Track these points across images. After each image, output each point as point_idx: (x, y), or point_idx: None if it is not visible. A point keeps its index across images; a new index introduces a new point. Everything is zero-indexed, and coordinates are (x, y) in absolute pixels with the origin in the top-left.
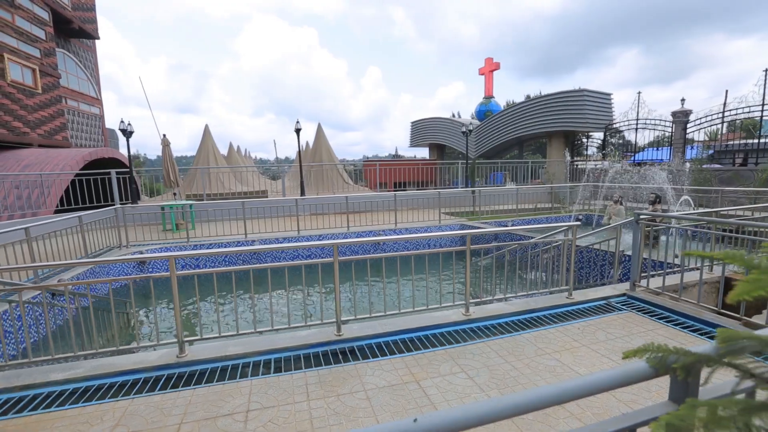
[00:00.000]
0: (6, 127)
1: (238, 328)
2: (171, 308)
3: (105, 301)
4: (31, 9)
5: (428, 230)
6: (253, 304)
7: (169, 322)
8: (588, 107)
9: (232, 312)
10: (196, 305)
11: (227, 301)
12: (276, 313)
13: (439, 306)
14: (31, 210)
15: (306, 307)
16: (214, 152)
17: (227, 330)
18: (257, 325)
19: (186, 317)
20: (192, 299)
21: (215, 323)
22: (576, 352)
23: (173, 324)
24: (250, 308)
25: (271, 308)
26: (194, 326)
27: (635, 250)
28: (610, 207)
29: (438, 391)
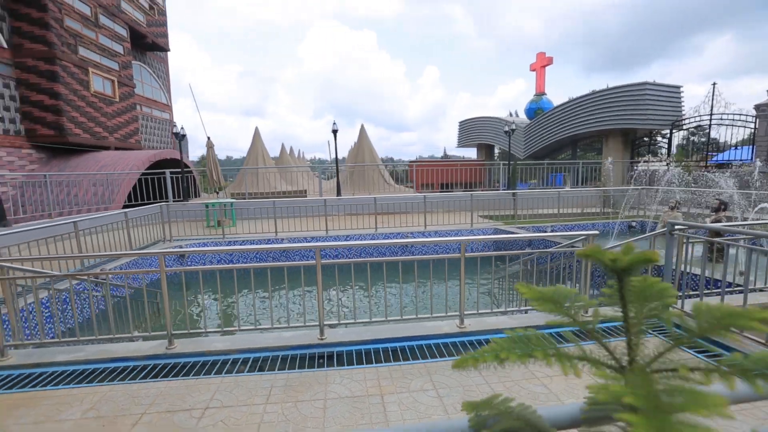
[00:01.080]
0: (89, 132)
1: (222, 325)
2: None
3: (140, 291)
4: (112, 27)
5: (428, 235)
6: (236, 302)
7: (179, 315)
8: (650, 102)
9: (228, 308)
10: (202, 300)
11: (225, 297)
12: (265, 313)
13: (430, 316)
14: (103, 205)
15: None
16: (263, 153)
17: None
18: (245, 324)
19: (197, 312)
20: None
21: (215, 318)
22: (572, 380)
23: (185, 317)
24: (251, 305)
25: (254, 307)
26: (197, 321)
27: (668, 266)
28: (664, 213)
29: (398, 408)
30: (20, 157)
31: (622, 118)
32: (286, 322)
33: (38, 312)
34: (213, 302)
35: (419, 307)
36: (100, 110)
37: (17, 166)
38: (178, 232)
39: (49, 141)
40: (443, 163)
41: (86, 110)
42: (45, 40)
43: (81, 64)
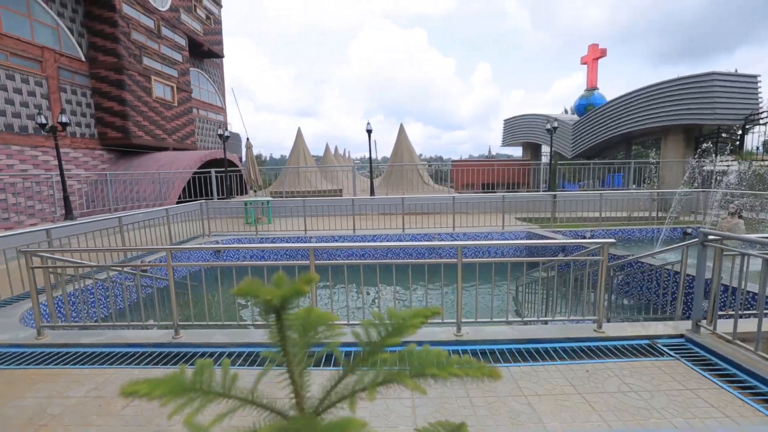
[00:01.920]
0: (150, 134)
1: (222, 318)
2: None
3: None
4: (173, 38)
5: (456, 237)
6: (236, 298)
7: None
8: (719, 95)
9: (233, 303)
10: (204, 295)
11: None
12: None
13: (424, 321)
14: (159, 201)
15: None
16: (304, 153)
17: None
18: (244, 319)
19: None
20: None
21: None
22: (564, 401)
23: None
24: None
25: (251, 308)
26: (209, 314)
27: (699, 280)
28: (722, 220)
29: (367, 414)
30: (93, 158)
31: (685, 112)
32: None
33: (63, 299)
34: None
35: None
36: (160, 114)
37: (90, 165)
38: (218, 228)
39: (116, 143)
40: (482, 162)
41: (148, 114)
42: (115, 53)
43: (144, 72)
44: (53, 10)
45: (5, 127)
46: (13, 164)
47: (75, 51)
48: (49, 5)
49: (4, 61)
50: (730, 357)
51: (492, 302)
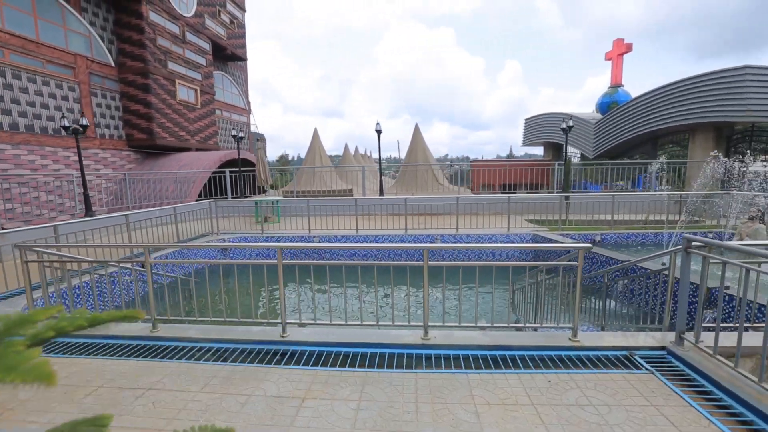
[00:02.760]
0: (174, 135)
1: (197, 315)
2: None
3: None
4: (197, 42)
5: (459, 239)
6: (210, 296)
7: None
8: (753, 90)
9: (214, 300)
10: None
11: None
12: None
13: (392, 324)
14: (179, 199)
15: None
16: (320, 152)
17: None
18: (224, 316)
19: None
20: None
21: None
22: (513, 412)
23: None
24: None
25: (224, 303)
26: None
27: (683, 289)
28: (742, 224)
29: (311, 415)
30: (121, 158)
31: (714, 109)
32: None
33: (56, 294)
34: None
35: (377, 313)
36: (184, 116)
37: (118, 165)
38: (228, 226)
39: (142, 144)
40: (500, 163)
41: (172, 116)
42: (141, 58)
43: (169, 76)
44: (86, 19)
45: (40, 129)
46: (47, 164)
47: (105, 57)
48: (82, 15)
49: (40, 68)
50: (709, 373)
51: (476, 305)
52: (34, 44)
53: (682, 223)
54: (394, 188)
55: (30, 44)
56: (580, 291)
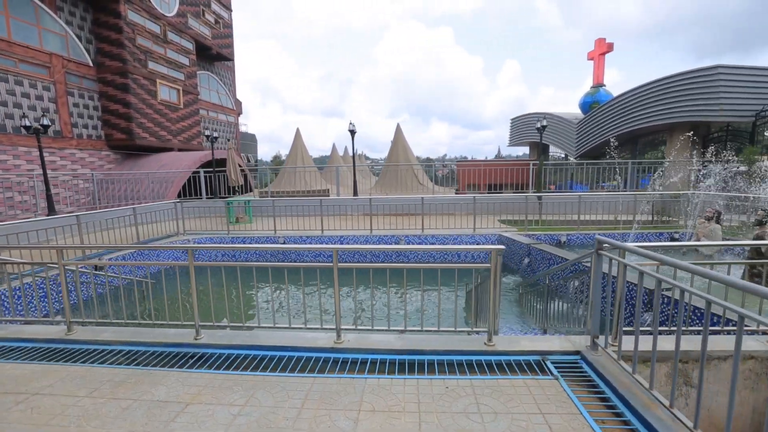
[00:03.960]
0: (155, 135)
1: (110, 316)
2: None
3: (134, 281)
4: (179, 42)
5: (424, 240)
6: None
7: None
8: (725, 90)
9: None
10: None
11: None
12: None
13: (304, 327)
14: (158, 200)
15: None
16: (302, 153)
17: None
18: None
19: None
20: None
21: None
22: (395, 419)
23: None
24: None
25: (150, 304)
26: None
27: (596, 293)
28: (699, 225)
29: (187, 421)
30: (99, 158)
31: (690, 109)
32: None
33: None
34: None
35: (289, 316)
36: (165, 116)
37: (97, 165)
38: (199, 227)
39: (121, 144)
40: (484, 163)
41: (153, 116)
42: (120, 57)
43: (150, 76)
44: (62, 18)
45: (13, 129)
46: (20, 164)
47: (83, 56)
48: (58, 14)
49: (12, 68)
50: (611, 379)
51: (388, 308)
52: (6, 43)
53: (637, 224)
54: (375, 188)
55: (1, 43)
56: (495, 294)
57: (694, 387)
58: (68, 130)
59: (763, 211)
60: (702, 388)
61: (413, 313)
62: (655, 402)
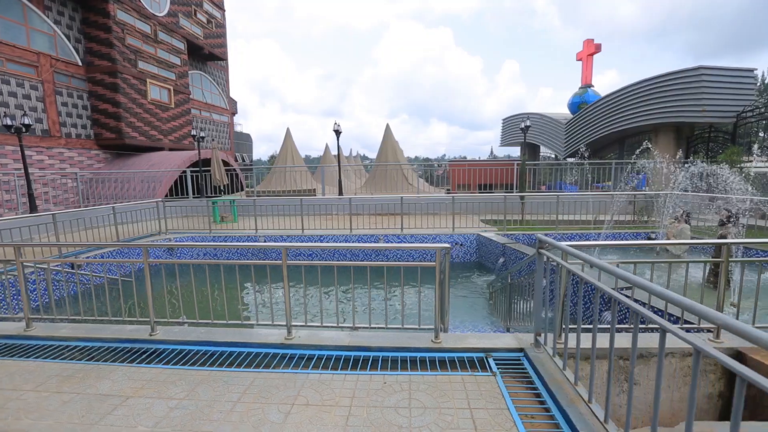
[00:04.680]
0: (145, 135)
1: (68, 312)
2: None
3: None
4: (170, 42)
5: (402, 239)
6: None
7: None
8: (707, 91)
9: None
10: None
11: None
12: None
13: (256, 323)
14: (147, 198)
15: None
16: (292, 152)
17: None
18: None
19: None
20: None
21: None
22: (326, 413)
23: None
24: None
25: (94, 301)
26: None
27: (538, 293)
28: (669, 225)
29: (123, 413)
30: (89, 157)
31: (673, 110)
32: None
33: None
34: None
35: (241, 312)
36: (155, 116)
37: (86, 164)
38: (180, 226)
39: (111, 143)
40: (474, 163)
41: (143, 116)
42: (109, 57)
43: (140, 75)
44: (50, 18)
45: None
46: (7, 163)
47: (71, 56)
48: (46, 13)
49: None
50: (545, 375)
51: (336, 304)
52: None
53: (609, 224)
54: (365, 188)
55: None
56: (440, 291)
57: (635, 384)
58: (56, 129)
59: (726, 211)
60: (610, 384)
61: (377, 311)
62: (580, 397)
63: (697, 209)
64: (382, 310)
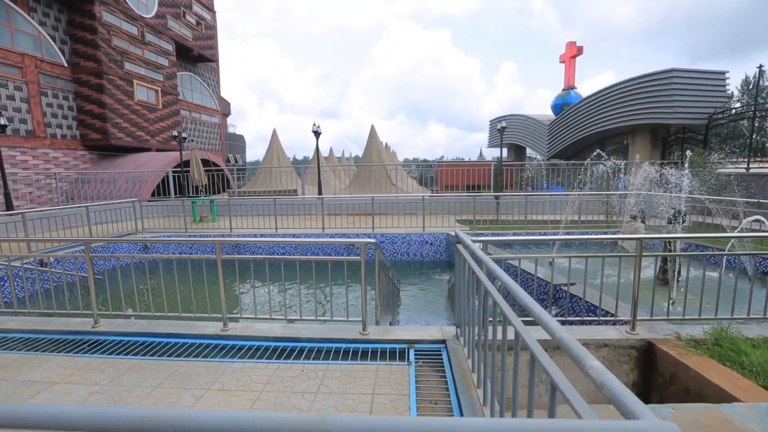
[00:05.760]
0: (132, 136)
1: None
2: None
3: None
4: (158, 43)
5: (373, 237)
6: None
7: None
8: (679, 93)
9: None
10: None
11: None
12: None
13: (193, 315)
14: (133, 198)
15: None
16: (278, 153)
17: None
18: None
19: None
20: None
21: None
22: (236, 396)
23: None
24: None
25: (27, 295)
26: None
27: (458, 284)
28: (626, 224)
29: (44, 398)
30: (75, 158)
31: (648, 112)
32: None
33: None
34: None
35: (181, 305)
36: (143, 117)
37: (72, 165)
38: (158, 226)
39: (96, 144)
40: (460, 164)
41: (130, 117)
42: (95, 58)
43: (126, 77)
44: (35, 19)
45: None
46: None
47: (57, 57)
48: (31, 15)
49: None
50: (454, 365)
51: (268, 298)
52: None
53: (566, 222)
54: (349, 188)
55: None
56: (365, 285)
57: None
58: (41, 129)
59: (673, 209)
60: (485, 372)
61: (324, 305)
62: (474, 385)
63: (651, 208)
64: (336, 304)
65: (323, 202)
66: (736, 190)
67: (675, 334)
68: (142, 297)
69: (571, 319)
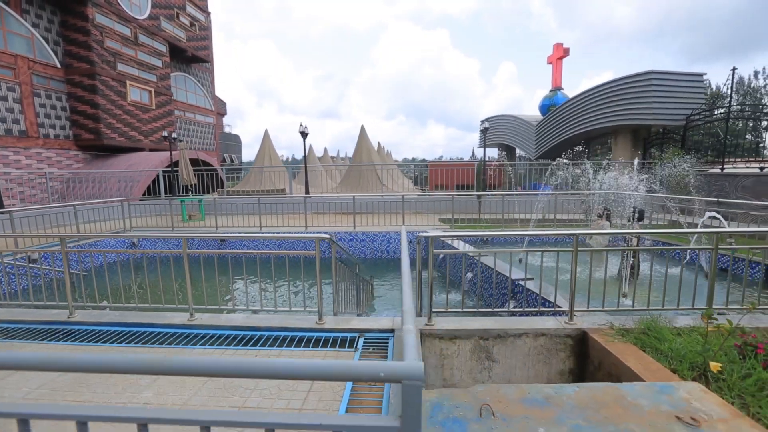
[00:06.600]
0: (125, 136)
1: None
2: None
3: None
4: (151, 44)
5: (353, 235)
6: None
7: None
8: (658, 94)
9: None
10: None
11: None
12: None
13: (162, 306)
14: (124, 197)
15: None
16: (270, 153)
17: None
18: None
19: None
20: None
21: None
22: (185, 380)
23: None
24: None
25: (9, 290)
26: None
27: (405, 275)
28: (593, 222)
29: (4, 385)
30: (68, 158)
31: (628, 113)
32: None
33: None
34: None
35: (150, 297)
36: (136, 117)
37: (65, 164)
38: (147, 225)
39: (89, 144)
40: (449, 164)
41: (123, 117)
42: (88, 59)
43: (119, 77)
44: (28, 21)
45: None
46: None
47: (50, 58)
48: (24, 16)
49: None
50: (395, 351)
51: (232, 292)
52: None
53: (534, 222)
54: (339, 188)
55: None
56: (320, 278)
57: (495, 361)
58: (34, 130)
59: (601, 208)
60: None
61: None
62: None
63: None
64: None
65: (308, 202)
66: (700, 190)
67: (609, 324)
68: (116, 291)
69: (519, 311)
